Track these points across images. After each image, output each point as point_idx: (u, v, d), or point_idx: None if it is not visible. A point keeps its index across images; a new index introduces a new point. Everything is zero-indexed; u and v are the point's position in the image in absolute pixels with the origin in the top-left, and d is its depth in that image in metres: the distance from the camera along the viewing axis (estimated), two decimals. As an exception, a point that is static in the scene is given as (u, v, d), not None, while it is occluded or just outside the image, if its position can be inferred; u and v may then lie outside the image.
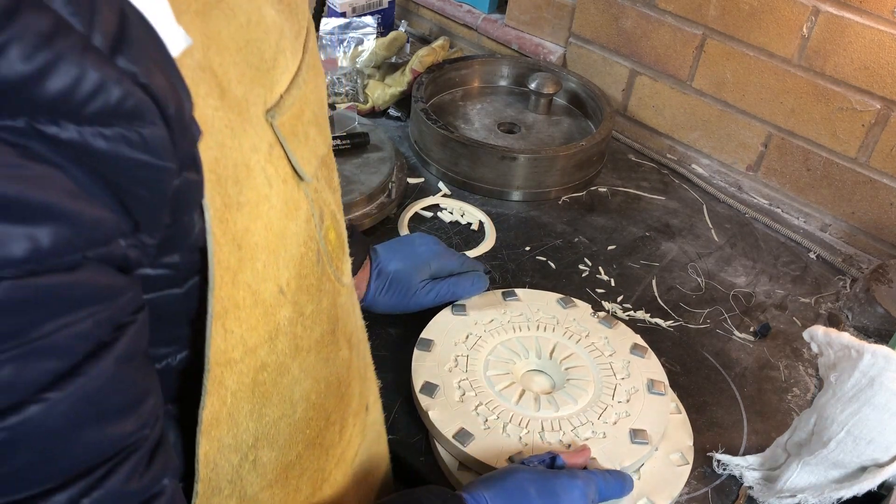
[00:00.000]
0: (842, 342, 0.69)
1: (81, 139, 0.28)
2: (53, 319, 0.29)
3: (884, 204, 1.08)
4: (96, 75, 0.27)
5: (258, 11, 0.38)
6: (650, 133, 1.30)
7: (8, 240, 0.27)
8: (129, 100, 0.28)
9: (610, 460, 0.72)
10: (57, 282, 0.29)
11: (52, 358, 0.30)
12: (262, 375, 0.43)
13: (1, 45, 0.25)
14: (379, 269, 0.83)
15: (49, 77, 0.26)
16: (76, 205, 0.28)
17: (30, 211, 0.27)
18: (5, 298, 0.27)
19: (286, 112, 0.41)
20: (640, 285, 1.00)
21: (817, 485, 0.71)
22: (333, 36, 1.33)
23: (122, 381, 0.33)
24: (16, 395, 0.29)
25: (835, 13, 1.02)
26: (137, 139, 0.29)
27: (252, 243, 0.39)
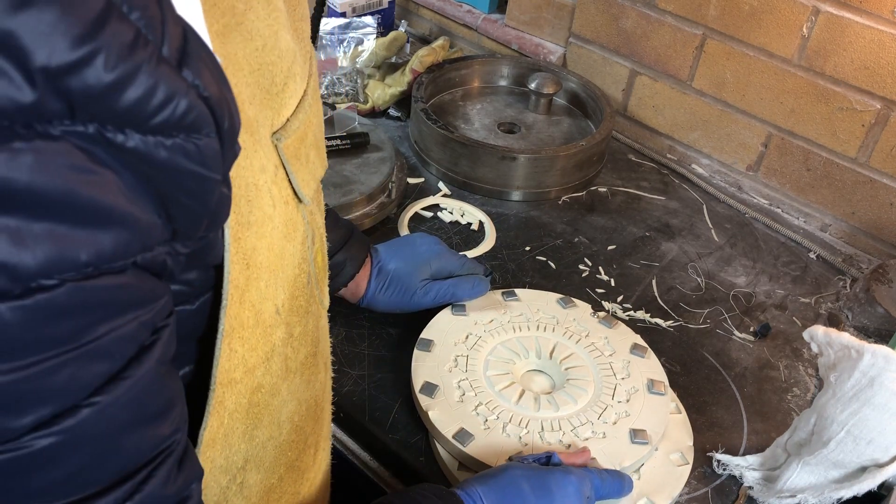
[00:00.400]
0: (842, 342, 0.69)
1: (145, 148, 0.28)
2: (107, 322, 0.30)
3: (884, 204, 1.08)
4: (167, 87, 0.28)
5: (275, 36, 0.39)
6: (650, 133, 1.30)
7: (75, 243, 0.27)
8: (192, 112, 0.29)
9: (610, 460, 0.72)
10: (110, 284, 0.29)
11: (104, 361, 0.30)
12: (257, 396, 0.43)
13: (90, 53, 0.25)
14: (379, 268, 0.83)
15: (127, 87, 0.27)
16: (135, 210, 0.29)
17: (98, 215, 0.28)
18: (67, 301, 0.28)
19: (291, 135, 0.42)
20: (640, 285, 1.00)
21: (817, 485, 0.71)
22: (333, 36, 1.33)
23: (159, 384, 0.34)
24: (71, 397, 0.30)
25: (835, 13, 1.02)
26: (194, 150, 0.30)
27: (258, 263, 0.40)
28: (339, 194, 0.99)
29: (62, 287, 0.27)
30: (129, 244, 0.29)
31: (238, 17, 0.36)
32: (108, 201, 0.28)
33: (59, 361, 0.28)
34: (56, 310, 0.27)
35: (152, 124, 0.28)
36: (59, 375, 0.29)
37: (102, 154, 0.27)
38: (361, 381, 0.82)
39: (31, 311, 0.27)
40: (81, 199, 0.27)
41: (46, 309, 0.27)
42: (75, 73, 0.25)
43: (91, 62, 0.25)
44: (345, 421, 0.80)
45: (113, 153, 0.28)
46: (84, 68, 0.25)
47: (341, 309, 0.88)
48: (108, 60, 0.26)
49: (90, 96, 0.26)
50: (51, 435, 0.29)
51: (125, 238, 0.29)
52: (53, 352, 0.28)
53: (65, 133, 0.26)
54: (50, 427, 0.29)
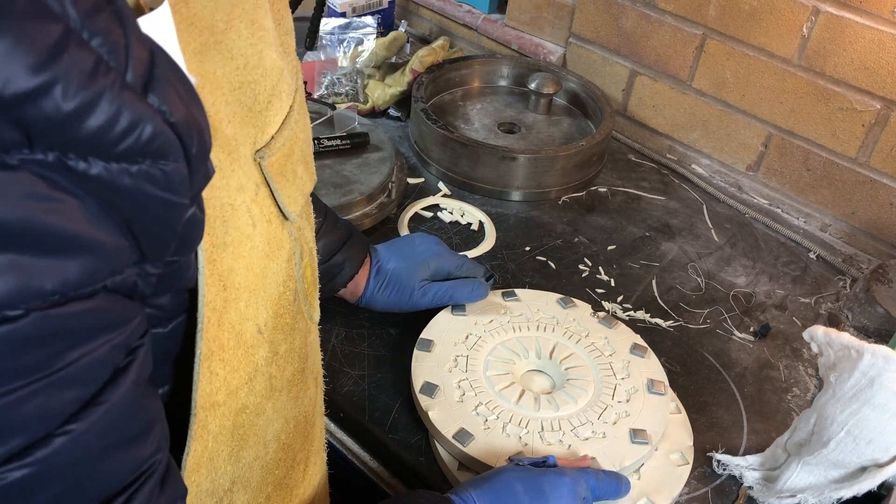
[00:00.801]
0: (842, 342, 0.69)
1: (108, 176, 0.28)
2: (77, 348, 0.29)
3: (884, 204, 1.08)
4: (130, 114, 0.27)
5: (258, 55, 0.38)
6: (650, 133, 1.30)
7: (39, 273, 0.26)
8: (158, 138, 0.28)
9: (610, 460, 0.72)
10: (79, 310, 0.28)
11: (76, 387, 0.30)
12: (241, 417, 0.43)
13: (47, 83, 0.25)
14: (378, 267, 0.83)
15: (88, 115, 0.26)
16: (100, 235, 0.28)
17: (61, 242, 0.27)
18: (34, 331, 0.27)
19: (276, 152, 0.41)
20: (640, 285, 1.00)
21: (817, 485, 0.71)
22: (333, 36, 1.33)
23: (136, 405, 0.33)
24: (43, 427, 0.29)
25: (835, 13, 1.02)
26: (160, 176, 0.29)
27: (236, 283, 0.39)
28: (339, 194, 0.99)
29: (28, 317, 0.27)
30: (96, 270, 0.29)
31: (217, 36, 0.36)
32: (71, 228, 0.27)
33: (28, 391, 0.28)
34: (22, 340, 0.27)
35: (116, 151, 0.27)
36: (29, 405, 0.28)
37: (64, 181, 0.27)
38: (361, 381, 0.82)
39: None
40: (43, 227, 0.26)
41: (12, 340, 0.26)
42: (32, 102, 0.25)
43: (49, 91, 0.25)
44: (345, 421, 0.80)
45: (75, 180, 0.27)
46: (41, 97, 0.25)
47: (341, 309, 0.88)
48: (66, 89, 0.25)
49: (49, 125, 0.25)
50: (24, 467, 0.29)
51: (91, 264, 0.28)
52: (21, 382, 0.27)
53: (23, 162, 0.26)
54: (22, 458, 0.29)
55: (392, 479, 0.77)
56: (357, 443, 0.79)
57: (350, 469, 0.78)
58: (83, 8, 0.26)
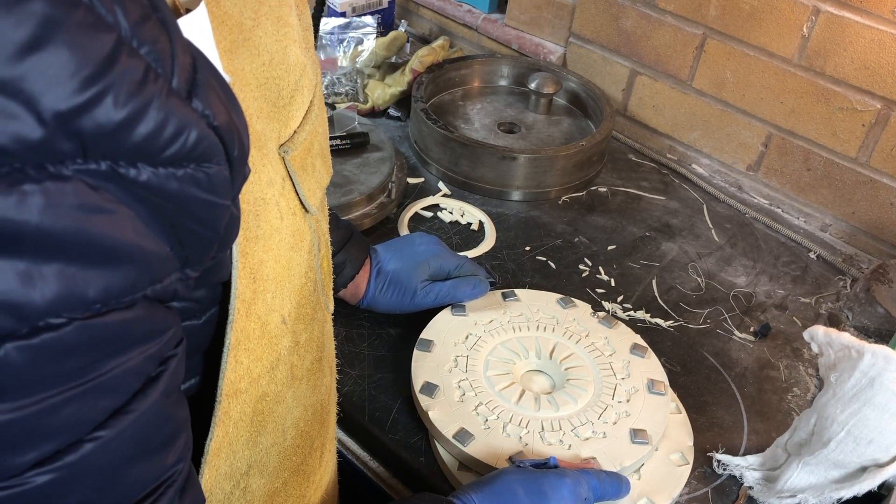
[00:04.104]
0: (842, 342, 0.69)
1: (157, 181, 0.28)
2: (114, 358, 0.29)
3: (884, 204, 1.08)
4: (177, 120, 0.28)
5: (283, 52, 0.39)
6: (650, 133, 1.30)
7: (84, 282, 0.27)
8: (203, 142, 0.29)
9: (610, 460, 0.72)
10: (118, 320, 0.29)
11: (110, 396, 0.30)
12: (261, 405, 0.43)
13: (100, 93, 0.25)
14: (378, 269, 0.83)
15: (138, 123, 0.26)
16: (145, 243, 0.29)
17: (108, 253, 0.27)
18: (74, 340, 0.27)
19: (298, 147, 0.42)
20: (640, 285, 1.00)
21: (817, 485, 0.71)
22: (333, 36, 1.33)
23: (164, 415, 0.34)
24: (74, 433, 0.29)
25: (835, 13, 1.02)
26: (205, 179, 0.30)
27: (265, 275, 0.40)
28: (339, 194, 0.99)
29: (69, 326, 0.27)
30: (139, 279, 0.29)
31: (245, 34, 0.36)
32: (119, 238, 0.28)
33: (63, 398, 0.28)
34: (63, 348, 0.27)
35: (163, 157, 0.28)
36: (64, 412, 0.28)
37: (115, 189, 0.27)
38: (361, 381, 0.82)
39: (38, 351, 0.26)
40: (91, 238, 0.27)
41: (53, 348, 0.27)
42: (86, 113, 0.25)
43: (101, 101, 0.25)
44: (345, 421, 0.80)
45: (125, 188, 0.27)
46: (94, 108, 0.25)
47: (341, 309, 0.88)
48: (117, 99, 0.26)
49: (101, 135, 0.26)
50: (52, 471, 0.29)
51: (135, 273, 0.29)
52: (58, 389, 0.28)
53: (77, 172, 0.26)
54: (52, 463, 0.29)
55: (392, 480, 0.77)
56: (357, 443, 0.79)
57: (350, 469, 0.78)
58: (133, 17, 0.26)
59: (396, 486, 0.77)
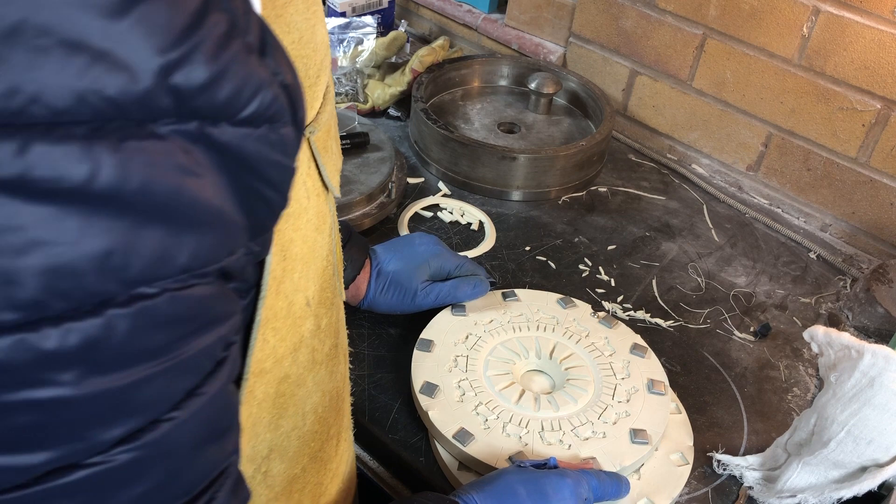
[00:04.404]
0: (842, 342, 0.69)
1: (237, 142, 0.28)
2: (196, 336, 0.29)
3: (884, 204, 1.08)
4: (256, 78, 0.27)
5: (311, 30, 0.39)
6: (650, 133, 1.30)
7: (177, 247, 0.27)
8: (276, 102, 0.29)
9: (610, 460, 0.72)
10: (201, 295, 0.29)
11: (189, 375, 0.30)
12: (283, 386, 0.43)
13: (193, 47, 0.25)
14: (379, 270, 0.83)
15: (224, 80, 0.26)
16: (227, 210, 0.29)
17: (199, 216, 0.27)
18: (166, 311, 0.27)
19: (321, 127, 0.42)
20: (640, 285, 1.00)
21: (817, 485, 0.71)
22: (333, 36, 1.33)
23: (227, 401, 0.34)
24: (154, 412, 0.29)
25: (835, 13, 1.02)
26: (277, 140, 0.30)
27: (293, 254, 0.40)
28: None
29: (162, 296, 0.27)
30: (221, 247, 0.29)
31: (278, 10, 0.36)
32: (209, 202, 0.27)
33: (150, 374, 0.28)
34: (155, 320, 0.27)
35: (242, 116, 0.28)
36: (151, 388, 0.28)
37: (201, 151, 0.27)
38: (361, 381, 0.82)
39: (134, 320, 0.26)
40: (186, 200, 0.26)
41: (147, 319, 0.27)
42: (180, 68, 0.25)
43: (193, 56, 0.25)
44: (345, 421, 0.80)
45: (210, 150, 0.27)
46: (188, 63, 0.25)
47: (341, 309, 0.88)
48: (207, 53, 0.26)
49: (193, 91, 0.26)
50: (134, 450, 0.29)
51: (218, 240, 0.29)
52: (147, 364, 0.28)
53: (171, 132, 0.26)
54: (134, 441, 0.29)
55: (392, 480, 0.77)
56: (357, 443, 0.79)
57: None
58: None
59: (396, 486, 0.77)
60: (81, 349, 0.26)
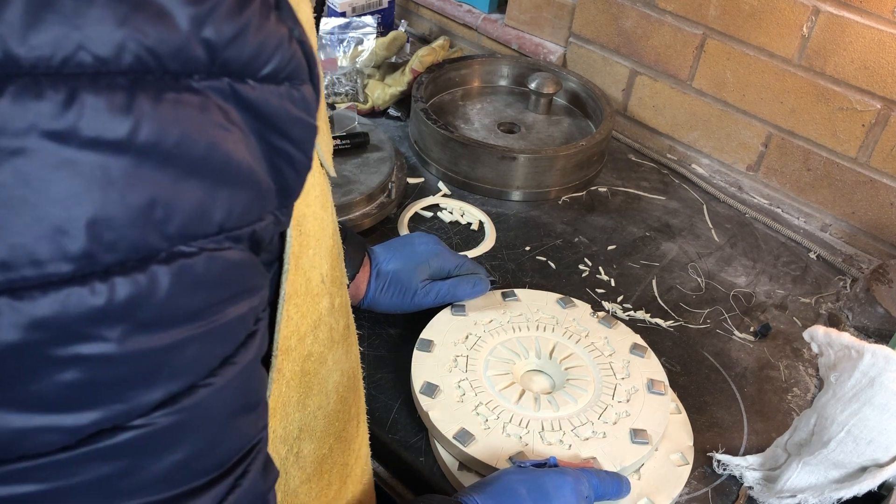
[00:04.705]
0: (842, 342, 0.69)
1: (262, 98, 0.28)
2: (231, 302, 0.30)
3: (884, 204, 1.08)
4: (276, 34, 0.28)
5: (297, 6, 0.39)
6: (650, 133, 1.30)
7: (213, 202, 0.27)
8: (295, 58, 0.29)
9: (610, 460, 0.72)
10: (235, 259, 0.29)
11: (224, 342, 0.30)
12: (307, 364, 0.44)
13: (216, 3, 0.25)
14: (378, 269, 0.83)
15: (248, 34, 0.27)
16: (258, 170, 0.29)
17: (233, 173, 0.28)
18: (203, 271, 0.28)
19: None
20: (640, 285, 1.00)
21: (817, 485, 0.71)
22: (333, 36, 1.33)
23: (257, 374, 0.34)
24: (194, 375, 0.30)
25: (835, 13, 1.02)
26: (299, 97, 0.30)
27: (307, 230, 0.40)
28: (339, 194, 0.99)
29: (200, 255, 0.27)
30: (252, 207, 0.29)
31: None
32: (242, 159, 0.28)
33: (190, 335, 0.28)
34: (194, 280, 0.27)
35: (265, 73, 0.28)
36: (189, 351, 0.29)
37: (233, 109, 0.27)
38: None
39: (176, 277, 0.27)
40: (222, 156, 0.27)
41: (187, 277, 0.27)
42: (209, 19, 0.25)
43: (219, 8, 0.26)
44: (345, 421, 0.80)
45: (240, 108, 0.28)
46: (216, 15, 0.25)
47: (341, 309, 0.88)
48: (231, 7, 0.26)
49: (222, 44, 0.26)
50: (174, 413, 0.29)
51: (251, 200, 0.29)
52: (188, 325, 0.28)
53: (205, 88, 0.26)
54: (173, 404, 0.29)
55: (392, 480, 0.77)
56: (357, 443, 0.79)
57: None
58: None
59: (396, 486, 0.77)
60: (128, 305, 0.26)
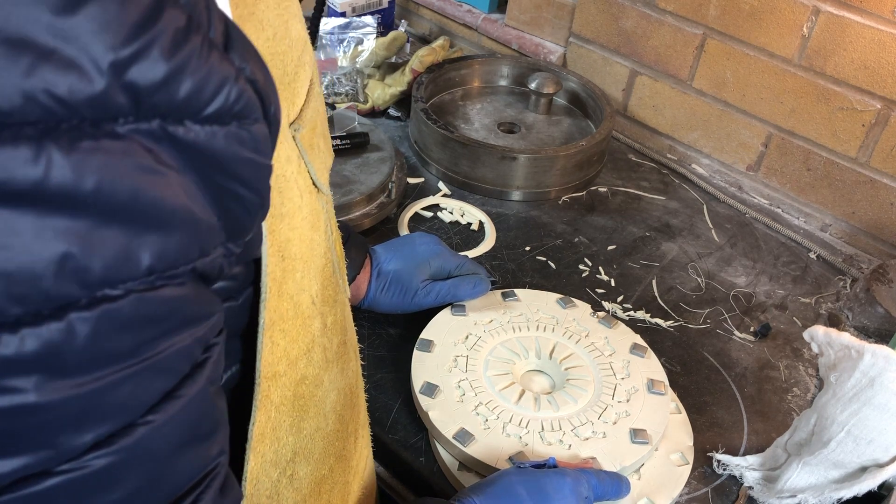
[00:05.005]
0: (842, 342, 0.69)
1: (204, 140, 0.28)
2: (166, 337, 0.29)
3: (884, 204, 1.08)
4: (219, 73, 0.27)
5: (284, 26, 0.39)
6: (650, 133, 1.30)
7: (140, 247, 0.26)
8: (242, 97, 0.28)
9: (610, 460, 0.72)
10: (171, 296, 0.28)
11: (162, 377, 0.30)
12: (301, 388, 0.43)
13: (148, 42, 0.25)
14: (379, 270, 0.83)
15: (184, 76, 0.26)
16: (196, 210, 0.28)
17: (163, 216, 0.27)
18: (131, 313, 0.27)
19: (306, 125, 0.41)
20: (640, 285, 1.00)
21: (817, 485, 0.71)
22: (333, 36, 1.33)
23: (209, 404, 0.33)
24: (129, 415, 0.29)
25: (835, 13, 1.02)
26: (248, 137, 0.29)
27: (292, 254, 0.40)
28: (339, 194, 0.99)
29: (126, 298, 0.26)
30: (190, 248, 0.28)
31: (250, 7, 0.36)
32: (173, 202, 0.27)
33: (121, 377, 0.27)
34: (121, 322, 0.27)
35: (207, 114, 0.27)
36: (120, 391, 0.28)
37: (165, 151, 0.27)
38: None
39: (98, 323, 0.26)
40: (147, 200, 0.26)
41: (112, 321, 0.26)
42: (136, 64, 0.25)
43: (150, 51, 0.25)
44: (345, 421, 0.80)
45: (175, 150, 0.27)
46: (144, 59, 0.25)
47: (341, 309, 0.88)
48: (164, 49, 0.25)
49: (151, 88, 0.25)
50: (109, 454, 0.28)
51: (186, 241, 0.28)
52: (116, 367, 0.27)
53: (131, 132, 0.26)
54: (108, 446, 0.28)
55: (392, 480, 0.77)
56: (357, 443, 0.79)
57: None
58: None
59: (396, 486, 0.77)
60: (41, 354, 0.25)
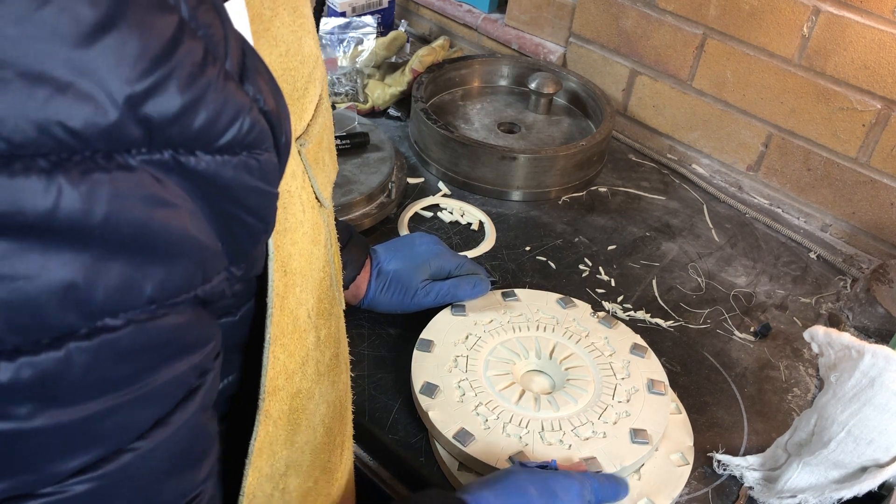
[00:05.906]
0: (842, 342, 0.69)
1: (213, 169, 0.28)
2: (165, 365, 0.29)
3: (884, 204, 1.08)
4: (234, 105, 0.27)
5: (298, 42, 0.39)
6: (650, 133, 1.30)
7: (143, 278, 0.26)
8: (255, 128, 0.28)
9: (610, 460, 0.72)
10: (172, 324, 0.28)
11: (156, 405, 0.29)
12: (296, 402, 0.43)
13: (166, 76, 0.25)
14: (379, 269, 0.83)
15: (199, 108, 0.26)
16: (203, 239, 0.28)
17: (169, 247, 0.27)
18: (129, 343, 0.27)
19: (312, 140, 0.41)
20: (640, 285, 1.00)
21: (818, 485, 0.71)
22: (333, 36, 1.33)
23: (200, 429, 0.33)
24: (117, 442, 0.29)
25: (835, 13, 1.02)
26: (256, 166, 0.29)
27: (293, 269, 0.40)
28: (339, 194, 0.99)
29: (127, 328, 0.26)
30: (193, 276, 0.28)
31: (265, 24, 0.36)
32: (180, 232, 0.27)
33: (114, 405, 0.27)
34: (119, 352, 0.27)
35: (220, 144, 0.27)
36: (112, 420, 0.28)
37: (175, 181, 0.27)
38: (361, 381, 0.82)
39: (96, 353, 0.26)
40: (155, 232, 0.26)
41: (111, 351, 0.26)
42: (152, 97, 0.25)
43: (167, 85, 0.25)
44: (345, 421, 0.80)
45: (185, 179, 0.27)
46: (160, 92, 0.25)
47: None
48: (181, 82, 0.25)
49: (166, 121, 0.25)
50: (91, 480, 0.28)
51: (190, 270, 0.28)
52: (110, 395, 0.27)
53: (142, 163, 0.26)
54: (92, 472, 0.28)
55: (392, 480, 0.77)
56: (357, 443, 0.79)
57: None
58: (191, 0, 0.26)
59: (396, 486, 0.77)
60: (36, 383, 0.25)
